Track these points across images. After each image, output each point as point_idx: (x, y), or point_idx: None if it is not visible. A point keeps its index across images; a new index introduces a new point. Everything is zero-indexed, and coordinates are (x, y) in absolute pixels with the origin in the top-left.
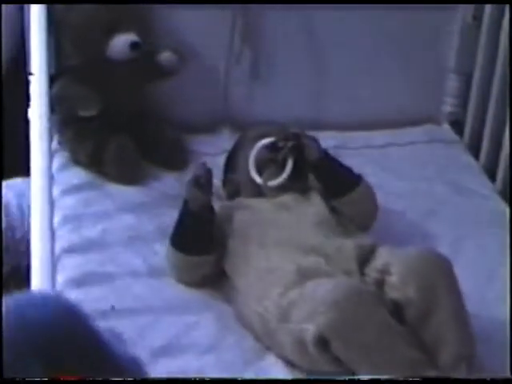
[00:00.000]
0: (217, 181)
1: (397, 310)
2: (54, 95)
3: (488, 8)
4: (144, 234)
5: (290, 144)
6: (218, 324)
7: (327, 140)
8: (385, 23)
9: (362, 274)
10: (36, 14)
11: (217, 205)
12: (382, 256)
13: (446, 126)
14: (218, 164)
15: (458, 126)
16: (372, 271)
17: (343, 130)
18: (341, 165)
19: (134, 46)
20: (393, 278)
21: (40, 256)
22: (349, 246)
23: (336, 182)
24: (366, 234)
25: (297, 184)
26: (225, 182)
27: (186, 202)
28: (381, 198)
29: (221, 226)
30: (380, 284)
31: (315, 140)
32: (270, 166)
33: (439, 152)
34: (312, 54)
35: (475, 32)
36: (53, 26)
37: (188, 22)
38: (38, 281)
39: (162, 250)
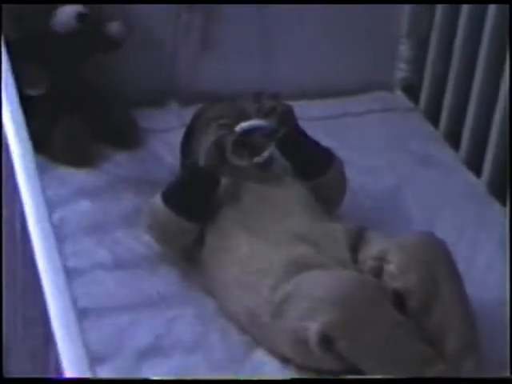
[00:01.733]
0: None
1: (397, 299)
2: None
3: None
4: (104, 222)
5: (280, 109)
6: (200, 318)
7: None
8: None
9: (355, 261)
10: None
11: None
12: (376, 242)
13: (399, 93)
14: (168, 141)
15: (411, 92)
16: (367, 259)
17: (294, 100)
18: (311, 140)
19: (80, 16)
20: (391, 267)
21: None
22: (337, 231)
23: (311, 162)
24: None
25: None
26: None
27: (195, 165)
28: None
29: None
30: (377, 273)
31: (292, 109)
32: (241, 147)
33: (396, 120)
34: (262, 24)
35: None
36: None
37: None
38: None
39: (125, 238)
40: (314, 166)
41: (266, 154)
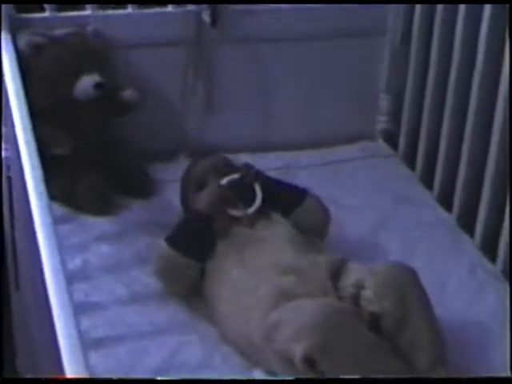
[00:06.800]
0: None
1: (373, 321)
2: None
3: (415, 31)
4: (121, 262)
5: (253, 171)
6: (205, 344)
7: (275, 160)
8: (322, 53)
9: (336, 288)
10: (7, 61)
11: None
12: (354, 271)
13: (381, 142)
14: (178, 190)
15: (391, 141)
16: (346, 286)
17: (289, 151)
18: (285, 184)
19: (97, 86)
20: (368, 292)
21: None
22: (321, 262)
23: (286, 197)
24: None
25: (263, 208)
26: None
27: (196, 213)
28: (332, 212)
29: None
30: (355, 298)
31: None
32: (233, 198)
33: (377, 166)
34: (258, 84)
35: (404, 55)
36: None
37: (145, 60)
38: None
39: (140, 276)
40: (289, 199)
41: (256, 203)
